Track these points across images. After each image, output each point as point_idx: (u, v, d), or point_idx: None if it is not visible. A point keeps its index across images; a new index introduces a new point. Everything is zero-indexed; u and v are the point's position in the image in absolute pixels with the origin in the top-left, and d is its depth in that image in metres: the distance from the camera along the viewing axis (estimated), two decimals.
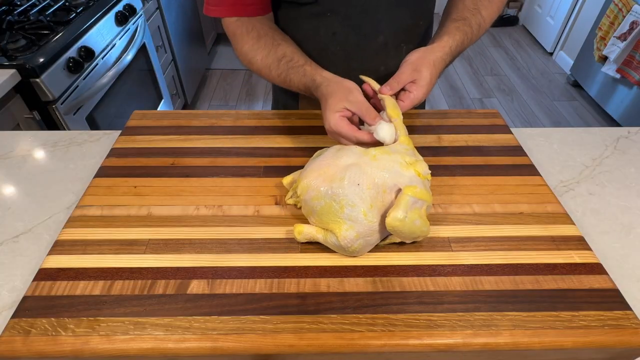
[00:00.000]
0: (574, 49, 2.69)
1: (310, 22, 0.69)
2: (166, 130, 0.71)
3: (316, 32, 0.70)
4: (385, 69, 0.75)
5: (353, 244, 0.47)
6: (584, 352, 0.43)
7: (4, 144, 0.72)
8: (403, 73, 0.58)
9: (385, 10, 0.67)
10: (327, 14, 0.67)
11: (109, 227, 0.53)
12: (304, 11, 0.68)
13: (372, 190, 0.48)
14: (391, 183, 0.48)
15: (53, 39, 1.15)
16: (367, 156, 0.51)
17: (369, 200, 0.47)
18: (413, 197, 0.47)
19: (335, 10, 0.66)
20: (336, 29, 0.69)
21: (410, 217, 0.46)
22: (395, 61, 0.74)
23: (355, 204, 0.47)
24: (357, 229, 0.47)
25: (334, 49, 0.71)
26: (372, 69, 0.74)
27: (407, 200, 0.46)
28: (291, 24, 0.71)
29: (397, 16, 0.68)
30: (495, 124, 0.73)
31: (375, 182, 0.48)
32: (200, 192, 0.59)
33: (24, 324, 0.42)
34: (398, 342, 0.42)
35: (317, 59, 0.73)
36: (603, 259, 0.52)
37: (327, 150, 0.56)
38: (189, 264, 0.49)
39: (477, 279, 0.47)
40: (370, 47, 0.71)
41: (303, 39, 0.71)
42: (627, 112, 2.15)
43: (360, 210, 0.47)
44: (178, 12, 2.11)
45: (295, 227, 0.50)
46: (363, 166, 0.49)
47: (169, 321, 0.43)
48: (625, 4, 2.06)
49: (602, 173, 0.66)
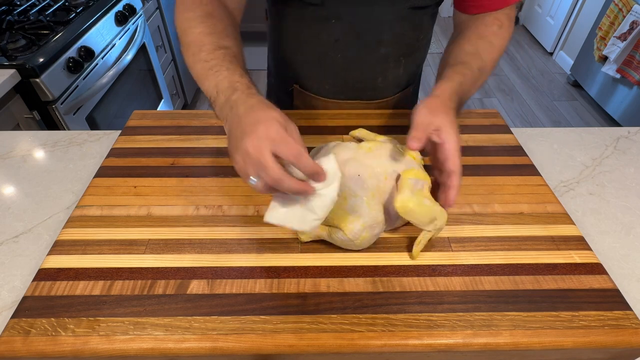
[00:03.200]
0: (574, 49, 2.69)
1: (314, 27, 0.69)
2: (166, 130, 0.71)
3: (318, 37, 0.69)
4: (383, 80, 0.75)
5: (360, 235, 0.47)
6: (584, 352, 0.43)
7: (4, 144, 0.72)
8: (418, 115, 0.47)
9: (389, 22, 0.67)
10: (331, 19, 0.66)
11: (108, 227, 0.53)
12: (308, 14, 0.67)
13: (372, 179, 0.48)
14: (390, 169, 0.49)
15: (53, 39, 1.15)
16: (362, 149, 0.51)
17: (371, 189, 0.48)
18: (414, 178, 0.47)
19: (340, 17, 0.66)
20: (339, 36, 0.68)
21: (418, 198, 0.46)
22: (393, 74, 0.74)
23: (357, 194, 0.47)
24: (362, 220, 0.47)
25: (334, 55, 0.71)
26: (370, 78, 0.74)
27: (409, 183, 0.47)
28: (294, 26, 0.71)
29: (399, 30, 0.68)
30: (495, 124, 0.73)
31: (375, 171, 0.49)
32: (200, 192, 0.59)
33: (23, 324, 0.42)
34: (398, 342, 0.42)
35: (315, 64, 0.73)
36: (603, 259, 0.52)
37: (322, 148, 0.56)
38: (189, 264, 0.49)
39: (477, 279, 0.47)
40: (371, 57, 0.71)
41: (304, 43, 0.71)
42: (627, 112, 2.15)
43: (363, 199, 0.47)
44: None
45: None
46: (360, 158, 0.50)
47: (169, 321, 0.43)
48: (625, 4, 2.06)
49: (602, 173, 0.66)
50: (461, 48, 0.60)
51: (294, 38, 0.72)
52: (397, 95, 0.79)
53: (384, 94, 0.78)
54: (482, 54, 0.59)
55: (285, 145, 0.39)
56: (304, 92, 0.79)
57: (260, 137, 0.39)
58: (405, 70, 0.75)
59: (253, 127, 0.40)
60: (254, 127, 0.40)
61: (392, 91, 0.78)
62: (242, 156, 0.40)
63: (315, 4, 0.65)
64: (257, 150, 0.39)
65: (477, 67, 0.57)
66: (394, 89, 0.78)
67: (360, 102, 0.78)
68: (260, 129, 0.39)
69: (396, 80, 0.76)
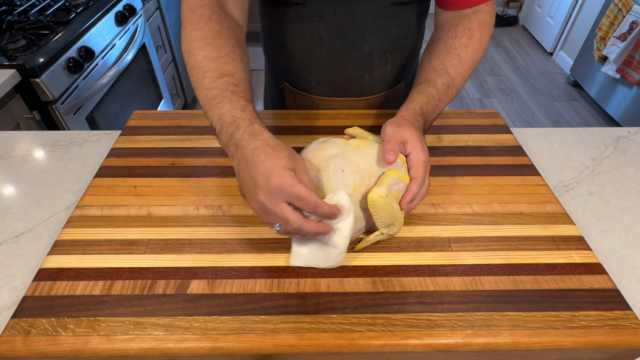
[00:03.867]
0: (574, 49, 2.69)
1: (297, 26, 0.69)
2: (166, 130, 0.71)
3: (302, 36, 0.70)
4: (370, 77, 0.75)
5: None
6: (584, 352, 0.43)
7: (4, 144, 0.72)
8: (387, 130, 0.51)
9: (372, 19, 0.67)
10: (314, 18, 0.67)
11: (109, 227, 0.53)
12: (292, 13, 0.67)
13: (356, 175, 0.48)
14: (377, 168, 0.49)
15: (53, 39, 1.15)
16: (350, 146, 0.51)
17: (352, 185, 0.48)
18: (396, 178, 0.48)
19: (322, 16, 0.66)
20: (322, 35, 0.68)
21: (390, 198, 0.46)
22: (380, 70, 0.75)
23: (339, 188, 0.47)
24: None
25: (319, 54, 0.71)
26: (357, 76, 0.74)
27: (390, 181, 0.47)
28: (277, 25, 0.71)
29: (384, 26, 0.68)
30: (495, 124, 0.73)
31: (360, 167, 0.49)
32: (200, 192, 0.59)
33: (24, 324, 0.42)
34: (398, 342, 0.42)
35: (301, 63, 0.74)
36: (603, 259, 0.52)
37: (310, 144, 0.55)
38: (189, 264, 0.49)
39: (477, 279, 0.47)
40: (356, 54, 0.71)
41: (289, 42, 0.71)
42: (627, 112, 2.15)
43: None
44: (178, 12, 2.11)
45: None
46: (347, 155, 0.50)
47: (169, 321, 0.43)
48: (625, 4, 2.06)
49: (602, 173, 0.66)
50: (430, 63, 0.62)
51: (280, 37, 0.72)
52: (386, 92, 0.79)
53: (372, 91, 0.78)
54: (449, 70, 0.60)
55: (301, 201, 0.41)
56: (294, 90, 0.79)
57: (274, 191, 0.41)
58: (393, 66, 0.75)
59: (265, 180, 0.41)
60: (266, 180, 0.41)
61: (380, 88, 0.78)
62: (260, 209, 0.42)
63: (298, 3, 0.65)
64: (274, 205, 0.41)
65: (443, 84, 0.59)
66: (383, 85, 0.78)
67: (348, 100, 0.78)
68: (273, 183, 0.40)
69: (384, 77, 0.76)
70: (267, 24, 0.74)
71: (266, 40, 0.78)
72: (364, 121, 0.73)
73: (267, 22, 0.73)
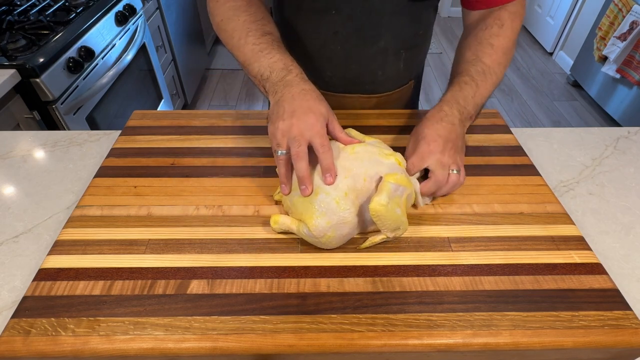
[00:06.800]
0: (574, 49, 2.69)
1: (313, 19, 0.69)
2: (166, 130, 0.71)
3: (317, 30, 0.70)
4: (383, 73, 0.75)
5: (325, 234, 0.47)
6: (584, 352, 0.43)
7: (4, 144, 0.72)
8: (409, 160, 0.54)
9: (389, 15, 0.67)
10: (331, 11, 0.67)
11: (109, 227, 0.53)
12: (307, 5, 0.67)
13: (348, 179, 0.49)
14: (372, 171, 0.49)
15: (53, 39, 1.16)
16: (346, 151, 0.52)
17: (344, 189, 0.48)
18: (395, 183, 0.47)
19: (338, 9, 0.66)
20: (338, 28, 0.68)
21: (392, 205, 0.46)
22: (393, 67, 0.75)
23: (328, 192, 0.48)
24: (329, 217, 0.47)
25: (334, 47, 0.71)
26: (370, 72, 0.74)
27: (389, 187, 0.47)
28: (292, 18, 0.71)
29: (399, 23, 0.68)
30: (495, 124, 0.73)
31: (354, 172, 0.49)
32: (200, 192, 0.59)
33: (24, 324, 0.42)
34: (398, 342, 0.42)
35: (316, 57, 0.73)
36: (603, 259, 0.52)
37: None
38: (189, 264, 0.49)
39: (477, 279, 0.47)
40: (371, 50, 0.71)
41: (303, 36, 0.71)
42: (627, 112, 2.15)
43: (333, 197, 0.47)
44: (178, 12, 2.11)
45: (272, 217, 0.51)
46: (341, 159, 0.50)
47: (169, 321, 0.43)
48: (625, 4, 2.06)
49: (602, 173, 0.66)
50: (462, 56, 0.64)
51: (295, 31, 0.72)
52: (397, 90, 0.79)
53: (384, 88, 0.78)
54: (482, 58, 0.61)
55: (319, 139, 0.47)
56: None
57: (307, 124, 0.48)
58: (406, 64, 0.75)
59: (304, 113, 0.48)
60: (305, 114, 0.48)
61: (392, 85, 0.78)
62: (284, 129, 0.48)
63: None
64: (299, 134, 0.47)
65: (477, 72, 0.60)
66: (395, 83, 0.78)
67: (360, 96, 0.78)
68: (310, 119, 0.48)
69: (396, 74, 0.76)
70: (281, 17, 0.74)
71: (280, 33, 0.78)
72: (376, 121, 0.73)
73: (279, 14, 0.73)
